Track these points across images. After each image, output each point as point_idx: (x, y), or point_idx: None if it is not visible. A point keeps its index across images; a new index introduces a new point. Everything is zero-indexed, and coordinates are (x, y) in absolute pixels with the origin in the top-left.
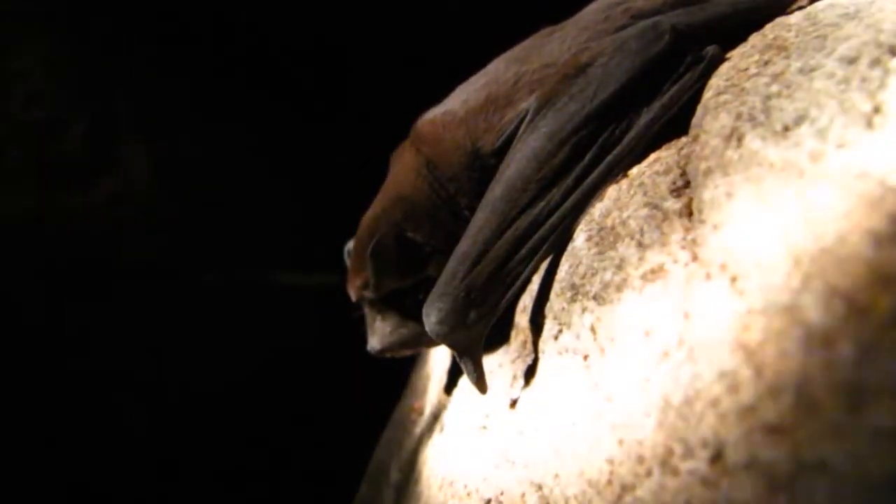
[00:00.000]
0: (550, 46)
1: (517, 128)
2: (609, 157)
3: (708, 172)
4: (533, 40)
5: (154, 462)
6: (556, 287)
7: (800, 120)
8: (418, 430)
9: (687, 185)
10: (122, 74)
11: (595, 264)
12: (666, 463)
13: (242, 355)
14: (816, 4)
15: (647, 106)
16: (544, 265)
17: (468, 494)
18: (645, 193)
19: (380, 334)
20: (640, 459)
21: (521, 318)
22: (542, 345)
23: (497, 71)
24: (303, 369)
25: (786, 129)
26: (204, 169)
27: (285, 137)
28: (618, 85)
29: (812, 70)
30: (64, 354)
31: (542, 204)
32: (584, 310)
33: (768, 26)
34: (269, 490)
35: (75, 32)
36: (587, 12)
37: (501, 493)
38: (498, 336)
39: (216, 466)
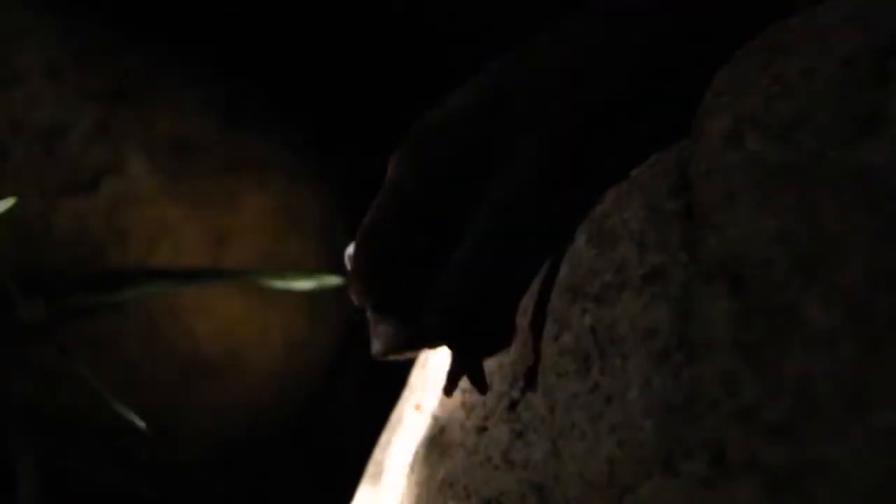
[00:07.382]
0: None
1: None
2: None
3: (708, 174)
4: (532, 41)
5: (152, 462)
6: (557, 288)
7: (800, 121)
8: (418, 430)
9: (687, 186)
10: (123, 74)
11: (595, 266)
12: (666, 464)
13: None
14: (817, 7)
15: None
16: (545, 266)
17: (468, 496)
18: (645, 195)
19: (382, 338)
20: (641, 461)
21: (522, 320)
22: (542, 346)
23: (496, 72)
24: (302, 370)
25: (786, 130)
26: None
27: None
28: None
29: (812, 72)
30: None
31: None
32: (584, 311)
33: (769, 28)
34: (267, 490)
35: (76, 33)
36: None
37: (501, 495)
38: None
39: (214, 466)
